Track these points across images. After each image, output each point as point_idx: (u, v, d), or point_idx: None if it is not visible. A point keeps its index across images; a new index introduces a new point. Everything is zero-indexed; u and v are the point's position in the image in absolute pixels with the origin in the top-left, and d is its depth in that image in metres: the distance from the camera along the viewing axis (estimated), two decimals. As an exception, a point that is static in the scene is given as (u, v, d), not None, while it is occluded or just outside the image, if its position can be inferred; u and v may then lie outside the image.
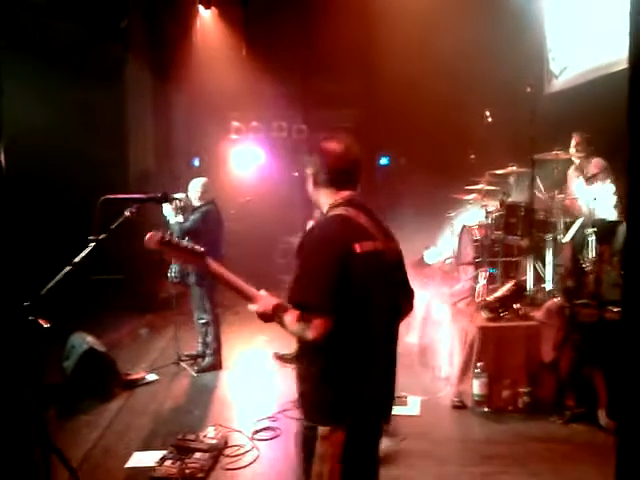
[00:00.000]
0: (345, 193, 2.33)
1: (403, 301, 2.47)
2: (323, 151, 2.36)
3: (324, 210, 2.37)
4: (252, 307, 2.28)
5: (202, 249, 2.38)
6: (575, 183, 5.90)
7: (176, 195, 5.74)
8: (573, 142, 5.83)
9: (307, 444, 2.25)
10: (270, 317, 2.24)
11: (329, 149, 2.35)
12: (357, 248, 2.17)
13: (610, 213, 5.45)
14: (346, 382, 2.21)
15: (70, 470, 2.87)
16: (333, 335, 2.12)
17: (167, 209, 5.71)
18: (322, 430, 2.20)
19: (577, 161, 5.88)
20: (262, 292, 2.32)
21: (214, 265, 2.37)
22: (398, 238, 2.46)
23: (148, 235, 2.34)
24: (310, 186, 2.41)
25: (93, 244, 4.31)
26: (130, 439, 4.43)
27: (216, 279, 2.40)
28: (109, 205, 4.80)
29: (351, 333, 2.19)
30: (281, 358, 5.99)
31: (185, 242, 2.45)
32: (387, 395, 2.40)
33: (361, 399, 2.24)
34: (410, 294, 2.52)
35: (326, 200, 2.36)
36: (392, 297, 2.34)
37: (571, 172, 6.01)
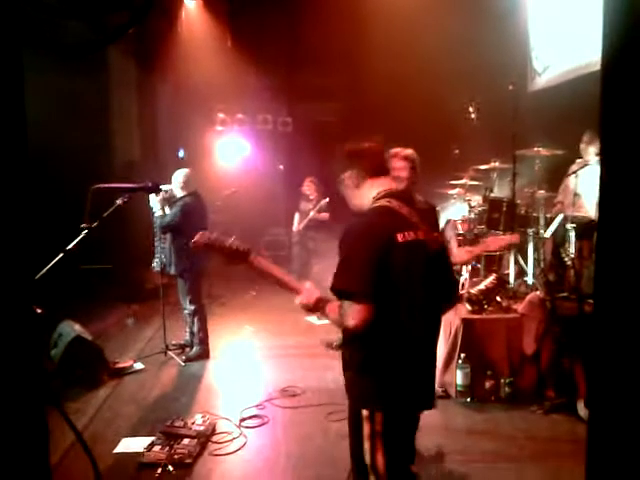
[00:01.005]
0: (384, 181, 2.44)
1: (445, 291, 2.54)
2: (357, 151, 2.48)
3: (367, 205, 2.43)
4: (298, 300, 2.41)
5: (247, 248, 2.47)
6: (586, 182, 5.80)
7: (163, 186, 5.76)
8: (585, 139, 5.73)
9: (355, 426, 2.40)
10: (313, 308, 2.38)
11: (362, 147, 2.48)
12: (399, 237, 2.25)
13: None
14: (385, 370, 2.31)
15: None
16: (373, 323, 2.20)
17: (153, 201, 5.72)
18: (364, 412, 2.34)
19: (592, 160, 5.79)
20: (307, 285, 2.45)
21: (260, 263, 2.49)
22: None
23: (197, 236, 2.48)
24: (349, 190, 2.48)
25: (85, 232, 4.35)
26: (118, 426, 4.48)
27: (263, 276, 2.50)
28: (98, 194, 4.83)
29: (391, 322, 2.26)
30: (329, 345, 6.03)
31: (230, 241, 2.51)
32: (426, 383, 2.47)
33: (399, 387, 2.34)
34: (453, 285, 2.67)
35: (368, 194, 2.43)
36: (433, 286, 2.39)
37: (581, 172, 5.84)
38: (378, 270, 2.20)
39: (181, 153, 10.42)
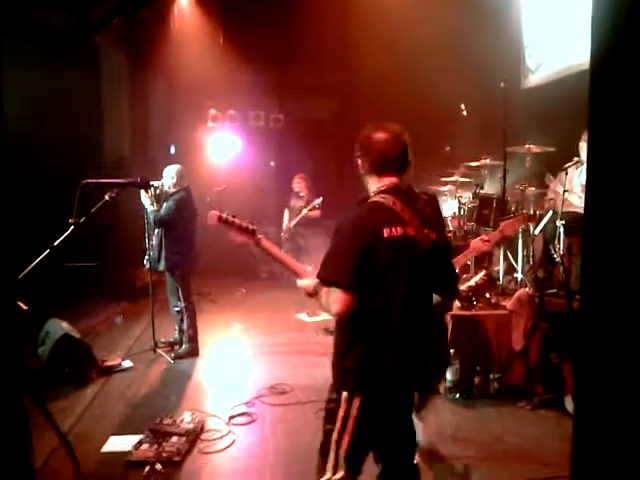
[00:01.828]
0: (389, 180, 2.47)
1: (443, 285, 2.65)
2: (366, 140, 2.51)
3: (370, 197, 2.51)
4: (300, 282, 2.53)
5: (254, 226, 2.63)
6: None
7: (153, 182, 5.74)
8: (585, 137, 5.79)
9: (330, 412, 2.45)
10: (312, 293, 2.48)
11: (371, 138, 2.49)
12: (385, 232, 2.33)
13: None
14: (365, 355, 2.37)
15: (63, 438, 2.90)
16: (357, 310, 2.31)
17: (144, 197, 5.70)
18: (344, 394, 2.40)
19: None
20: (309, 268, 2.55)
21: (265, 242, 2.64)
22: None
23: (209, 214, 2.62)
24: (361, 174, 2.56)
25: (73, 227, 4.32)
26: (106, 424, 4.44)
27: (268, 254, 2.64)
28: (86, 189, 4.80)
29: (375, 310, 2.35)
30: (327, 330, 6.21)
31: (239, 220, 2.65)
32: (412, 371, 2.48)
33: (380, 372, 2.38)
34: (451, 280, 2.69)
35: (372, 186, 2.52)
36: (422, 280, 2.45)
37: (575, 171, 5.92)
38: (363, 262, 2.29)
39: (172, 149, 10.38)
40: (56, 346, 5.15)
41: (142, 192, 5.68)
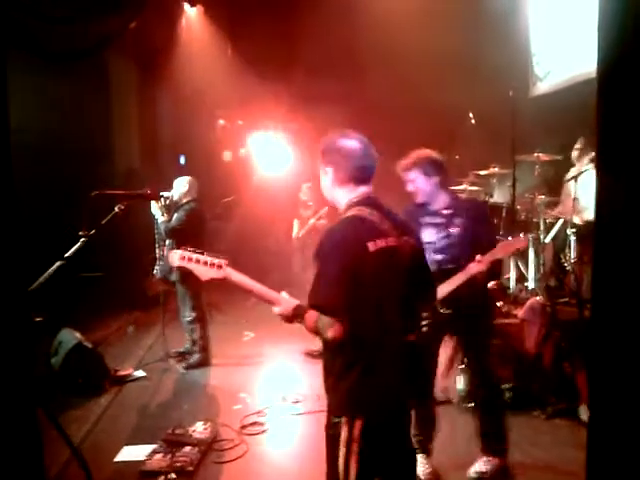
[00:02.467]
0: (362, 190, 2.40)
1: (421, 293, 2.54)
2: (344, 149, 2.41)
3: (341, 208, 2.43)
4: (275, 309, 2.39)
5: (222, 261, 2.47)
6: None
7: (164, 193, 5.79)
8: (578, 146, 5.83)
9: (333, 438, 2.34)
10: (290, 318, 2.35)
11: (349, 147, 2.40)
12: (370, 247, 2.25)
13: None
14: (364, 375, 2.29)
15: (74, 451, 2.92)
16: (351, 331, 2.20)
17: (154, 208, 5.74)
18: (343, 418, 2.30)
19: (577, 166, 5.91)
20: (283, 294, 2.41)
21: (235, 276, 2.46)
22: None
23: (171, 254, 2.50)
24: (327, 184, 2.46)
25: (83, 240, 4.36)
26: (119, 434, 4.46)
27: (239, 288, 2.48)
28: (97, 201, 4.84)
29: (369, 328, 2.27)
30: (310, 354, 6.04)
31: (205, 256, 2.51)
32: (404, 388, 2.45)
33: (379, 389, 2.32)
34: (430, 285, 2.62)
35: (344, 198, 2.42)
36: (408, 290, 2.39)
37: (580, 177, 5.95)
38: (352, 281, 2.21)
39: (182, 159, 10.44)
40: (69, 356, 5.18)
41: (153, 203, 5.72)
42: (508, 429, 3.92)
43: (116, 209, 4.89)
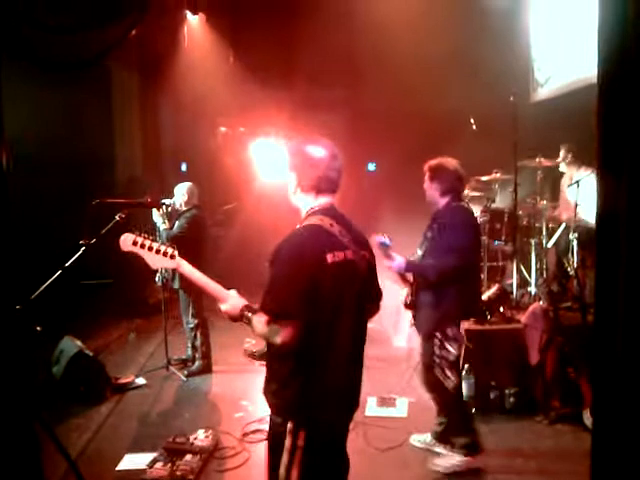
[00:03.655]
0: (324, 200, 2.39)
1: (370, 304, 2.55)
2: (309, 156, 2.39)
3: (302, 215, 2.43)
4: (223, 307, 2.37)
5: (172, 250, 2.47)
6: (568, 193, 5.98)
7: (165, 200, 5.78)
8: (562, 154, 5.95)
9: (276, 438, 2.34)
10: (237, 317, 2.33)
11: (315, 155, 2.38)
12: (329, 258, 2.25)
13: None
14: (312, 382, 2.29)
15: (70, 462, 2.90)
16: (302, 339, 2.20)
17: (156, 216, 5.74)
18: (288, 425, 2.29)
19: (567, 172, 6.01)
20: (232, 292, 2.41)
21: (186, 267, 2.48)
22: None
23: (122, 237, 2.43)
24: (290, 188, 2.45)
25: (83, 248, 4.36)
26: (121, 442, 4.44)
27: (188, 280, 2.51)
28: (98, 209, 4.85)
29: (319, 338, 2.27)
30: (252, 355, 6.03)
31: (157, 244, 2.49)
32: (352, 395, 2.47)
33: (325, 399, 2.33)
34: (378, 296, 2.61)
35: (305, 205, 2.41)
36: (361, 302, 2.41)
37: (564, 182, 6.12)
38: (308, 290, 2.20)
39: (183, 167, 10.45)
40: (70, 364, 5.17)
41: (154, 210, 5.72)
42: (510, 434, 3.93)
43: (117, 217, 4.91)
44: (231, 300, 2.36)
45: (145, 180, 9.13)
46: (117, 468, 4.05)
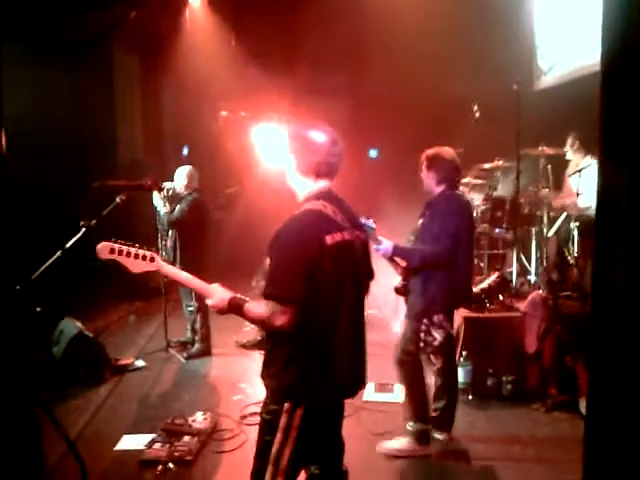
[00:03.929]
0: (322, 184, 2.43)
1: (366, 283, 2.61)
2: (309, 141, 2.42)
3: (300, 199, 2.46)
4: (208, 302, 2.41)
5: (151, 253, 2.47)
6: (571, 181, 5.96)
7: (165, 184, 5.78)
8: (569, 141, 5.92)
9: (268, 423, 2.36)
10: (225, 309, 2.37)
11: (316, 140, 2.41)
12: (328, 240, 2.29)
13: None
14: (312, 364, 2.32)
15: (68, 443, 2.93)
16: (301, 322, 2.23)
17: (157, 199, 5.74)
18: (285, 405, 2.31)
19: (574, 160, 5.98)
20: (214, 285, 2.44)
21: (167, 268, 2.51)
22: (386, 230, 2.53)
23: (98, 246, 2.41)
24: (289, 172, 2.48)
25: (84, 230, 4.38)
26: (119, 423, 4.48)
27: (170, 279, 2.56)
28: (99, 191, 4.85)
29: (320, 319, 2.30)
30: (244, 346, 6.05)
31: (135, 248, 2.48)
32: (354, 377, 2.51)
33: (326, 380, 2.36)
34: (370, 276, 2.65)
35: (303, 189, 2.45)
36: (358, 282, 2.47)
37: (569, 170, 6.08)
38: (308, 272, 2.23)
39: (185, 150, 10.42)
40: (70, 345, 5.19)
41: (155, 194, 5.72)
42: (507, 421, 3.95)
43: (117, 199, 4.92)
44: (216, 294, 2.39)
45: (146, 163, 9.11)
46: (115, 448, 4.08)
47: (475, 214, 6.02)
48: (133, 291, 7.90)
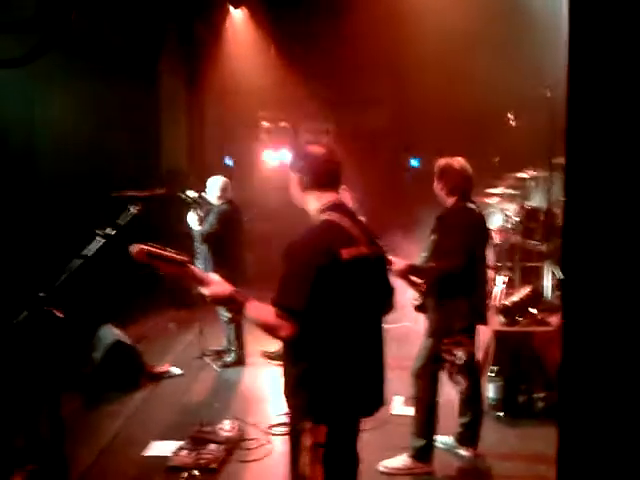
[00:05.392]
0: (329, 195, 2.45)
1: (385, 300, 2.59)
2: (309, 155, 2.49)
3: (311, 213, 2.48)
4: (205, 290, 2.34)
5: (185, 258, 2.43)
6: None
7: (188, 192, 5.81)
8: None
9: (296, 443, 2.37)
10: (224, 301, 2.38)
11: (314, 153, 2.49)
12: (344, 254, 2.27)
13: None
14: (329, 382, 2.31)
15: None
16: (313, 337, 2.24)
17: (191, 217, 5.79)
18: (307, 424, 2.31)
19: None
20: (213, 274, 2.44)
21: (197, 273, 2.44)
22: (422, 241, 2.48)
23: (135, 249, 2.33)
24: (296, 189, 2.51)
25: (102, 239, 4.48)
26: (151, 429, 4.59)
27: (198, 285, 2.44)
28: (117, 200, 4.96)
29: (336, 336, 2.29)
30: (268, 356, 6.06)
31: (168, 252, 2.42)
32: (371, 392, 2.48)
33: (343, 398, 2.34)
34: (391, 293, 2.63)
35: (312, 203, 2.47)
36: (376, 298, 2.46)
37: None
38: (318, 285, 2.21)
39: (228, 161, 10.58)
40: (108, 352, 5.35)
41: (190, 212, 5.77)
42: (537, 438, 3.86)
43: (132, 209, 4.99)
44: (215, 284, 2.34)
45: (190, 174, 9.30)
46: (144, 454, 4.19)
47: (509, 225, 5.94)
48: (178, 299, 8.05)
